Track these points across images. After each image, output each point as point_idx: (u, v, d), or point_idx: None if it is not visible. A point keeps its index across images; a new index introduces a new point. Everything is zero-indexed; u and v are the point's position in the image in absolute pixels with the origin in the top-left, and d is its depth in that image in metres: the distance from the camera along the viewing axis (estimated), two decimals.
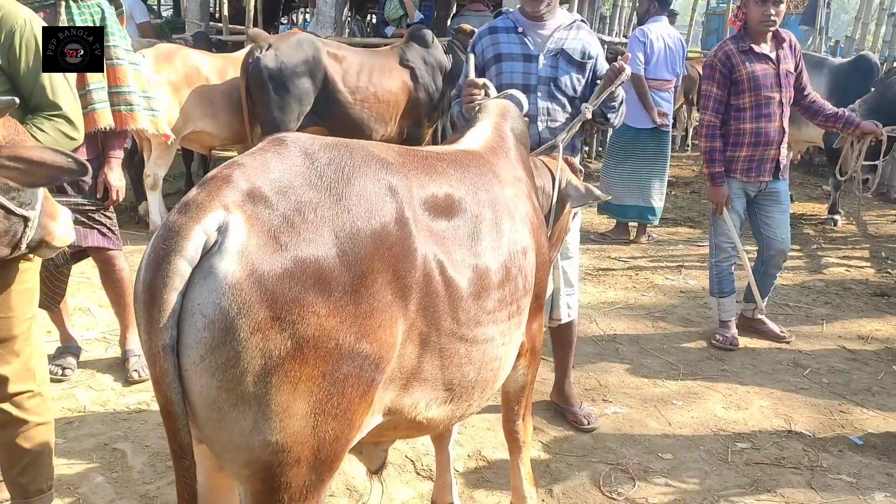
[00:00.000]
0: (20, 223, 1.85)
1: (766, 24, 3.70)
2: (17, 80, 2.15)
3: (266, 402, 1.35)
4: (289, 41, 5.48)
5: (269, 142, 1.56)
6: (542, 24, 2.92)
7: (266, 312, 1.32)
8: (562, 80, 2.86)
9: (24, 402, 2.16)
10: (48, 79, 2.16)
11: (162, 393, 1.37)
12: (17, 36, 2.12)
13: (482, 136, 2.15)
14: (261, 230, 1.36)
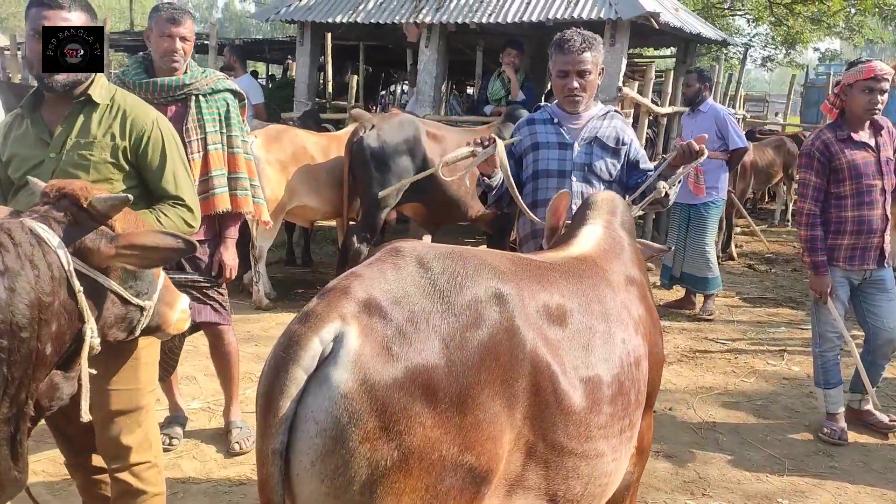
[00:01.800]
0: (137, 311, 2.00)
1: (871, 112, 3.63)
2: (145, 175, 2.34)
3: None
4: (391, 122, 5.74)
5: (387, 252, 1.63)
6: (578, 116, 3.05)
7: (375, 422, 1.38)
8: (596, 165, 2.98)
9: (142, 473, 2.30)
10: (172, 174, 2.35)
11: (265, 495, 1.45)
12: (146, 137, 2.31)
13: (593, 237, 2.17)
14: (374, 340, 1.43)
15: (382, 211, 5.77)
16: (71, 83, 2.21)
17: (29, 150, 2.27)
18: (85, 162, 2.24)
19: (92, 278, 1.86)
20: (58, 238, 1.80)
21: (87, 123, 2.27)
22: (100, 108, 2.29)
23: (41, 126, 2.29)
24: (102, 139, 2.27)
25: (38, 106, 2.31)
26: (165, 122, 2.41)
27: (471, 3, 7.51)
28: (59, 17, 2.16)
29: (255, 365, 4.48)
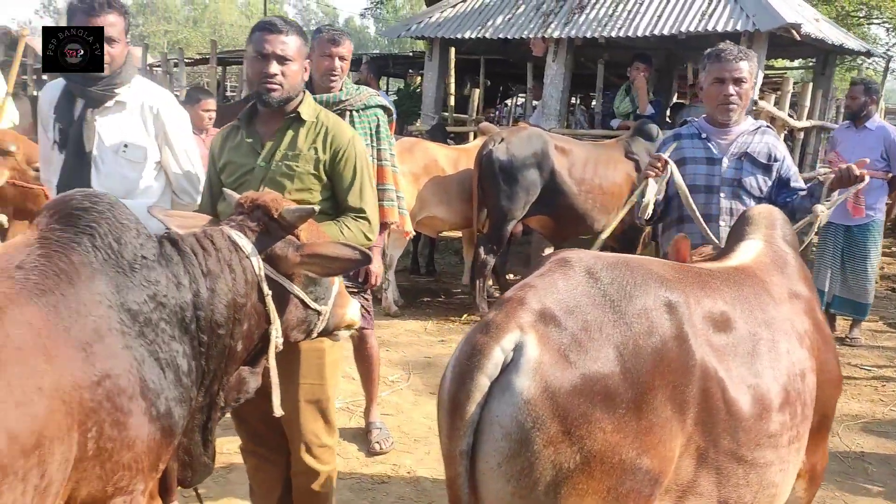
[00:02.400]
0: (315, 315, 2.17)
1: None
2: (337, 187, 2.54)
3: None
4: (519, 135, 5.85)
5: (555, 262, 1.72)
6: (727, 131, 3.01)
7: (558, 427, 1.47)
8: (746, 181, 2.93)
9: (320, 455, 2.57)
10: (360, 189, 2.53)
11: (454, 493, 1.56)
12: (343, 153, 2.51)
13: (753, 250, 2.16)
14: (552, 349, 1.53)
15: (509, 223, 5.88)
16: (284, 100, 2.45)
17: (242, 159, 2.52)
18: (291, 172, 2.47)
19: (279, 283, 2.03)
20: (251, 245, 1.99)
21: (295, 138, 2.50)
22: (306, 124, 2.51)
23: (255, 138, 2.53)
24: (307, 153, 2.48)
25: (253, 120, 2.56)
26: (360, 141, 2.61)
27: (600, 18, 7.52)
28: (279, 40, 2.40)
29: (386, 369, 4.67)
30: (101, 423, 1.60)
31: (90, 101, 2.69)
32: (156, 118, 2.77)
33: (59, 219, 1.74)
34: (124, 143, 2.72)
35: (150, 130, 2.77)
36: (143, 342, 1.71)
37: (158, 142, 2.79)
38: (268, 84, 2.41)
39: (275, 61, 2.41)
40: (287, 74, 2.43)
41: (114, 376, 1.62)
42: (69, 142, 2.68)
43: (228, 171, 2.56)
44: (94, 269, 1.68)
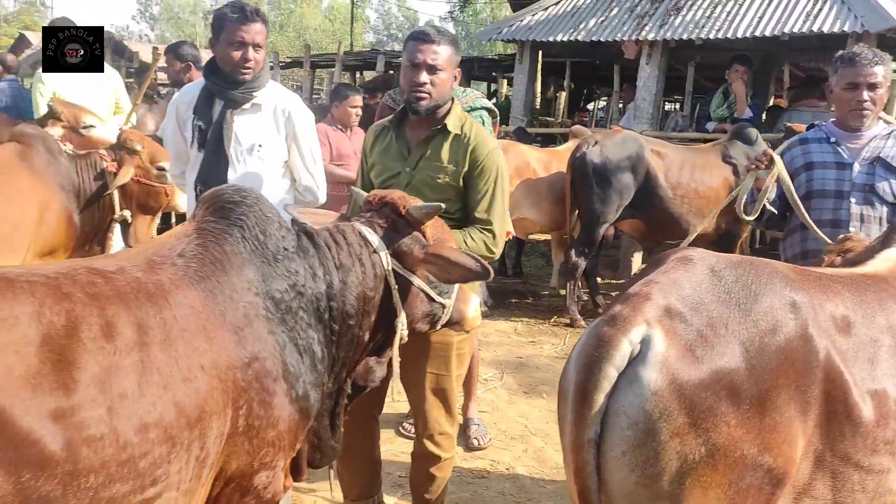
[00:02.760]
0: (439, 308, 2.24)
1: None
2: (469, 198, 2.59)
3: (679, 500, 1.54)
4: (614, 138, 5.86)
5: (678, 260, 1.77)
6: (859, 135, 2.94)
7: (684, 419, 1.53)
8: (879, 186, 2.85)
9: (441, 441, 2.70)
10: (490, 201, 2.57)
11: (581, 480, 1.63)
12: (480, 165, 2.56)
13: (893, 259, 2.10)
14: (678, 343, 1.58)
15: (602, 226, 5.88)
16: (432, 108, 2.54)
17: (390, 162, 2.65)
18: (431, 182, 2.56)
19: (405, 277, 2.12)
20: (380, 241, 2.10)
21: (439, 149, 2.58)
22: (451, 135, 2.58)
23: (403, 142, 2.65)
24: (448, 164, 2.57)
25: (403, 124, 2.68)
26: (499, 154, 2.65)
27: (696, 19, 7.42)
28: (430, 50, 2.49)
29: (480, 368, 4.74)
30: (250, 401, 1.73)
31: (230, 103, 2.89)
32: (287, 120, 2.95)
33: (214, 211, 1.90)
34: (258, 143, 2.91)
35: (282, 131, 2.95)
36: (284, 328, 1.84)
37: (287, 142, 2.97)
38: (417, 93, 2.51)
39: (425, 70, 2.49)
40: (436, 83, 2.51)
41: (261, 359, 1.76)
42: (208, 140, 2.89)
43: (377, 172, 2.69)
44: (244, 259, 1.83)
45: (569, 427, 1.67)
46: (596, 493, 1.62)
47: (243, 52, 2.80)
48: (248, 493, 1.84)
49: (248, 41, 2.79)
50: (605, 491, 1.63)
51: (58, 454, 1.37)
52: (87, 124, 4.56)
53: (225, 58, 2.84)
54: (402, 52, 2.85)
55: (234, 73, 2.84)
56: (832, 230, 2.78)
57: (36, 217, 3.55)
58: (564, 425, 1.72)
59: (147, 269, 1.71)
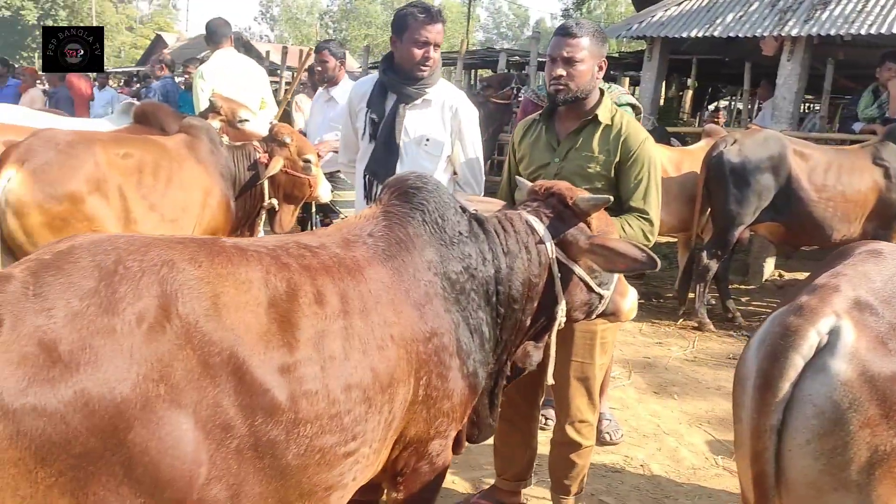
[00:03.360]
0: (597, 298, 2.29)
1: None
2: (622, 187, 2.63)
3: (868, 491, 1.53)
4: (755, 137, 5.68)
5: (868, 253, 1.77)
6: None
7: (876, 410, 1.52)
8: None
9: (581, 429, 2.77)
10: (645, 190, 2.61)
11: (759, 465, 1.64)
12: (633, 155, 2.60)
13: None
14: (869, 335, 1.57)
15: (737, 229, 5.71)
16: (570, 99, 2.64)
17: (539, 154, 2.75)
18: (582, 172, 2.63)
19: (568, 267, 2.18)
20: (545, 230, 2.16)
21: (589, 139, 2.66)
22: (602, 126, 2.65)
23: (552, 134, 2.75)
24: (599, 154, 2.63)
25: (552, 117, 2.78)
26: (651, 143, 2.70)
27: (846, 14, 7.07)
28: (565, 43, 2.59)
29: None
30: (430, 373, 1.85)
31: (404, 98, 3.02)
32: (453, 116, 3.06)
33: (398, 196, 2.02)
34: (426, 138, 3.04)
35: (448, 127, 3.07)
36: (458, 308, 1.95)
37: (452, 137, 3.09)
38: (555, 85, 2.61)
39: (561, 63, 2.59)
40: (574, 76, 2.59)
41: (439, 334, 1.88)
42: (380, 132, 3.04)
43: (525, 164, 2.79)
44: (425, 240, 1.95)
45: (747, 414, 1.69)
46: (773, 479, 1.63)
47: (425, 51, 2.91)
48: (422, 458, 1.97)
49: (430, 40, 2.90)
50: (783, 479, 1.63)
51: (284, 404, 1.52)
52: (243, 118, 4.91)
53: (406, 55, 2.96)
54: (517, 50, 2.94)
55: (413, 70, 2.96)
56: None
57: (201, 201, 3.85)
58: (741, 412, 1.74)
59: (344, 245, 1.86)
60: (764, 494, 1.65)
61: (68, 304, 1.36)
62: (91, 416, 1.30)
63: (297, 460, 1.56)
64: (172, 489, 1.39)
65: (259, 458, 1.50)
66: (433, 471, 2.00)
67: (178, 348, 1.41)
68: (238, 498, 1.49)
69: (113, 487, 1.33)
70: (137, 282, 1.43)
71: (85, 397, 1.30)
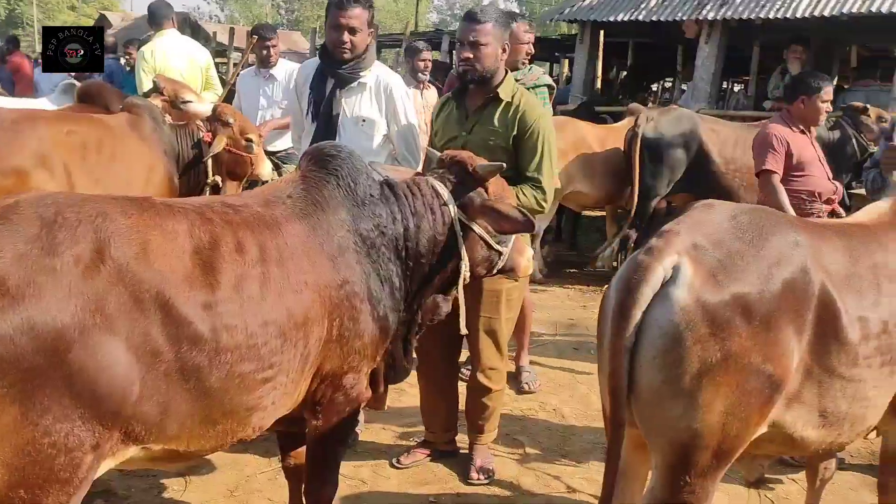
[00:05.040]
0: (496, 255, 2.56)
1: None
2: (520, 159, 2.93)
3: (696, 396, 1.89)
4: (669, 115, 6.09)
5: (703, 206, 2.15)
6: None
7: (706, 329, 1.88)
8: None
9: (492, 376, 3.12)
10: (538, 161, 2.91)
11: (615, 381, 1.98)
12: (529, 129, 2.90)
13: (877, 210, 2.42)
14: (703, 270, 1.93)
15: (654, 199, 6.14)
16: (479, 79, 2.93)
17: (451, 127, 3.06)
18: (485, 144, 2.91)
19: (469, 226, 2.45)
20: (448, 194, 2.44)
21: (492, 115, 2.96)
22: (503, 103, 2.95)
23: (462, 110, 3.05)
24: (500, 128, 2.94)
25: (463, 95, 3.07)
26: (547, 120, 3.01)
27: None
28: (472, 29, 2.87)
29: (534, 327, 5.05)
30: (342, 315, 2.15)
31: (340, 81, 3.25)
32: (388, 98, 3.30)
33: (315, 163, 2.30)
34: (362, 118, 3.29)
35: (382, 108, 3.31)
36: (369, 260, 2.24)
37: (387, 118, 3.33)
38: (463, 66, 2.92)
39: (468, 46, 2.88)
40: (480, 58, 2.88)
41: (351, 282, 2.17)
42: (321, 113, 3.28)
43: (440, 136, 3.10)
44: (338, 201, 2.23)
45: (607, 339, 2.02)
46: (625, 391, 1.97)
47: (340, 35, 3.13)
48: (338, 390, 2.26)
49: (344, 25, 3.12)
50: (634, 390, 1.98)
51: (206, 335, 1.81)
52: (185, 99, 5.06)
53: (327, 39, 3.23)
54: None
55: (334, 54, 3.19)
56: None
57: (144, 177, 4.01)
58: (603, 340, 2.07)
59: (265, 205, 2.14)
60: (619, 404, 1.99)
61: (15, 248, 1.62)
62: (36, 339, 1.57)
63: (220, 383, 1.84)
64: (108, 403, 1.66)
65: (185, 381, 1.78)
66: (348, 401, 2.28)
67: (111, 285, 1.68)
68: (167, 414, 1.77)
69: (56, 398, 1.60)
70: (75, 230, 1.69)
71: (30, 323, 1.57)
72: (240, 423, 1.96)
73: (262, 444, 3.26)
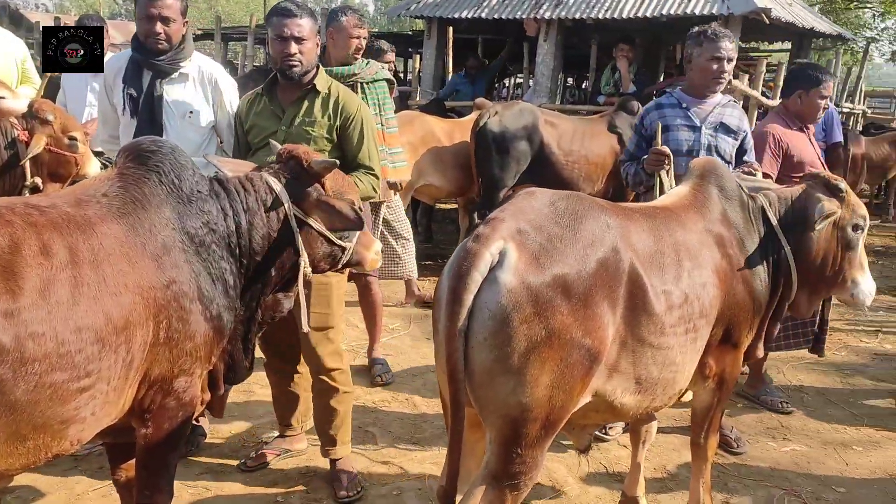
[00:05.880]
0: (339, 250, 2.54)
1: None
2: (346, 148, 2.97)
3: (524, 373, 1.99)
4: (512, 109, 6.31)
5: (525, 193, 2.26)
6: (704, 102, 3.40)
7: (531, 309, 1.98)
8: (721, 147, 3.33)
9: (336, 376, 3.04)
10: (368, 149, 2.97)
11: (452, 363, 2.05)
12: (352, 119, 2.94)
13: (678, 193, 2.65)
14: (526, 254, 2.03)
15: (501, 191, 6.34)
16: (303, 74, 2.90)
17: (266, 122, 2.99)
18: (307, 136, 2.90)
19: (306, 222, 2.41)
20: (282, 189, 2.38)
21: (311, 107, 2.94)
22: (320, 95, 2.95)
23: (276, 105, 2.99)
24: (321, 119, 2.93)
25: (274, 89, 3.01)
26: (366, 108, 3.04)
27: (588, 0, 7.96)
28: (295, 23, 2.83)
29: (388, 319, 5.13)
30: (170, 317, 2.07)
31: (159, 73, 3.11)
32: (214, 87, 3.20)
33: (133, 159, 2.19)
34: (189, 110, 3.16)
35: (210, 98, 3.20)
36: (199, 259, 2.16)
37: (215, 108, 3.22)
38: (289, 62, 2.86)
39: (293, 42, 2.84)
40: (304, 52, 2.86)
41: (178, 282, 2.09)
42: (141, 108, 3.11)
43: (254, 133, 3.02)
44: (162, 199, 2.14)
45: (442, 325, 2.08)
46: (462, 373, 2.04)
47: (152, 26, 3.01)
48: (169, 394, 2.16)
49: (154, 15, 3.00)
50: (469, 371, 2.05)
51: (8, 345, 1.68)
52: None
53: (139, 31, 3.09)
54: None
55: (146, 44, 3.06)
56: None
57: None
58: (438, 325, 2.13)
59: (75, 205, 2.01)
60: (456, 387, 2.05)
61: None
62: None
63: (27, 396, 1.72)
64: None
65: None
66: (180, 406, 2.19)
67: None
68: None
69: None
70: None
71: None
72: (54, 437, 1.84)
73: (97, 459, 3.09)
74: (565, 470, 3.28)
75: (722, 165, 2.82)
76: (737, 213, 2.66)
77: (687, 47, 3.40)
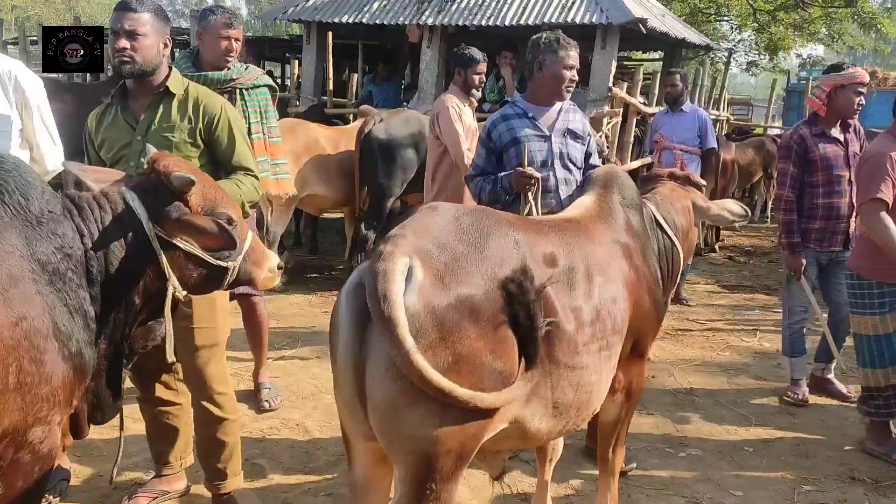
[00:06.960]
0: (219, 271, 2.26)
1: (855, 113, 4.07)
2: (216, 151, 2.70)
3: (433, 403, 1.82)
4: (398, 117, 6.17)
5: (427, 209, 2.09)
6: (547, 110, 3.23)
7: (436, 335, 1.82)
8: (571, 154, 3.20)
9: (222, 402, 2.76)
10: (240, 149, 2.71)
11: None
12: (217, 119, 2.68)
13: (584, 205, 2.59)
14: (431, 274, 1.86)
15: (388, 200, 6.18)
16: (138, 72, 2.57)
17: (119, 134, 2.67)
18: (167, 142, 2.61)
19: (172, 242, 2.12)
20: (142, 206, 2.09)
21: (168, 111, 2.65)
22: (176, 97, 2.67)
23: (129, 113, 2.68)
24: (181, 123, 2.65)
25: (125, 97, 2.70)
26: (231, 106, 2.79)
27: (471, 7, 7.95)
28: (128, 17, 2.51)
29: (274, 339, 4.86)
30: (20, 359, 1.77)
31: None
32: (15, 87, 2.84)
33: None
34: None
35: (11, 99, 2.84)
36: (52, 289, 1.87)
37: (19, 109, 2.86)
38: (119, 57, 2.55)
39: (124, 36, 2.53)
40: (138, 48, 2.55)
41: (29, 318, 1.80)
42: None
43: (107, 148, 2.70)
44: (5, 223, 1.83)
45: (342, 352, 1.89)
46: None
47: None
48: (23, 447, 1.87)
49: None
50: (370, 403, 1.87)
51: None
52: None
53: None
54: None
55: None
56: (543, 195, 3.07)
57: None
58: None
59: None
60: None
61: None
62: None
63: None
64: None
65: None
66: (37, 459, 1.90)
67: None
68: None
69: None
70: None
71: None
72: None
73: None
74: (469, 492, 3.15)
75: (622, 173, 2.79)
76: (638, 221, 2.65)
77: (537, 54, 3.17)
